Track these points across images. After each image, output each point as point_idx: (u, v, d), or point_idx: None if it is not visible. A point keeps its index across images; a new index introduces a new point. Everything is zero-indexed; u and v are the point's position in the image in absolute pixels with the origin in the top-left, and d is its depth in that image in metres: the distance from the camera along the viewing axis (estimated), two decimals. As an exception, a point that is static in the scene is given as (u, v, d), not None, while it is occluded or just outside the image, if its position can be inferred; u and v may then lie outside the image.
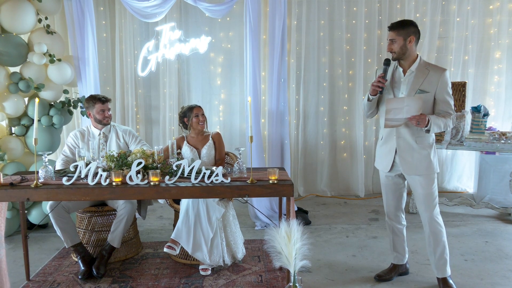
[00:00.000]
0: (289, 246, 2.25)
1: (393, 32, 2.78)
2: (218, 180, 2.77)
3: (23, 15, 3.89)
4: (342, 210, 4.75)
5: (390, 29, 2.80)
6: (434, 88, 2.76)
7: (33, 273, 3.26)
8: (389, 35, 2.81)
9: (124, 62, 4.97)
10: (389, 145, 2.92)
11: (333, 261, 3.43)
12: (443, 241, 2.88)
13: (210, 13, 4.27)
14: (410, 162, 2.84)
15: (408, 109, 2.69)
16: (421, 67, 2.80)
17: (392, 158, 2.90)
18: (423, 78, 2.77)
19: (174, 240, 3.20)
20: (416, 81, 2.78)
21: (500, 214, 4.40)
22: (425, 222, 2.90)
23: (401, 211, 3.08)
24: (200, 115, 3.51)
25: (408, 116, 2.70)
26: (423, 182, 2.84)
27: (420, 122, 2.68)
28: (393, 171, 2.95)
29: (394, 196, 3.04)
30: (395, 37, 2.77)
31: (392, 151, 2.90)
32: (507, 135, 4.22)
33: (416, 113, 2.69)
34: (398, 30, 2.77)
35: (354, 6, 5.09)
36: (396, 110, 2.72)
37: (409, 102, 2.70)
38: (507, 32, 5.03)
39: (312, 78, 5.20)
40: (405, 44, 2.76)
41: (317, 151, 5.33)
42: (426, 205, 2.86)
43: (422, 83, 2.76)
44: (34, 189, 2.68)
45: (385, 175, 3.03)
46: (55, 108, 4.13)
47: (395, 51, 2.79)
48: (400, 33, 2.76)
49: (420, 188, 2.85)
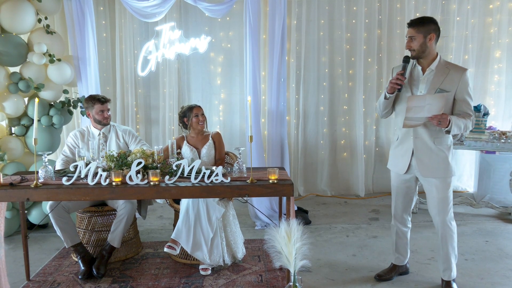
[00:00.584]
0: (289, 246, 2.25)
1: (413, 29, 2.67)
2: (218, 180, 2.77)
3: (23, 15, 3.89)
4: (342, 210, 4.75)
5: (410, 26, 2.69)
6: (455, 87, 2.67)
7: (33, 273, 3.26)
8: (408, 32, 2.70)
9: (124, 62, 4.97)
10: (406, 146, 2.82)
11: (333, 260, 3.43)
12: (453, 246, 2.84)
13: (210, 13, 4.26)
14: (427, 164, 2.75)
15: (430, 108, 2.59)
16: (441, 66, 2.71)
17: (408, 159, 2.81)
18: (443, 77, 2.68)
19: (174, 240, 3.19)
20: (436, 80, 2.69)
21: (500, 214, 4.40)
22: (438, 226, 2.84)
23: (408, 214, 3.03)
24: (200, 115, 3.51)
25: (430, 115, 2.59)
26: (439, 186, 2.76)
27: (441, 122, 2.58)
28: (408, 173, 2.86)
29: (405, 199, 2.98)
30: (415, 34, 2.67)
31: (408, 152, 2.80)
32: (507, 135, 4.21)
33: (438, 113, 2.59)
34: (418, 27, 2.66)
35: (354, 6, 5.08)
36: (417, 108, 2.61)
37: (431, 101, 2.59)
38: (507, 31, 5.03)
39: (312, 78, 5.20)
40: (425, 42, 2.66)
41: (317, 151, 5.33)
42: (439, 209, 2.79)
43: (443, 82, 2.67)
44: (34, 189, 2.68)
45: (398, 177, 2.94)
46: (55, 108, 4.13)
47: (414, 49, 2.69)
48: (420, 30, 2.66)
49: (435, 192, 2.77)
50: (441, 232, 2.82)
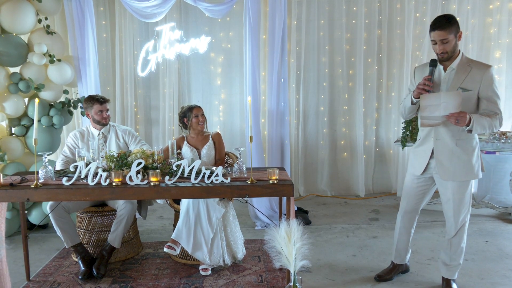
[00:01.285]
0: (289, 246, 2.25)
1: (444, 32, 2.52)
2: (218, 180, 2.77)
3: (23, 15, 3.89)
4: (342, 210, 4.75)
5: (440, 29, 2.53)
6: (477, 86, 2.56)
7: (33, 273, 3.26)
8: (437, 35, 2.54)
9: (124, 62, 4.97)
10: (425, 147, 2.74)
11: (333, 261, 3.43)
12: (462, 247, 2.82)
13: (210, 13, 4.27)
14: (447, 167, 2.65)
15: (446, 106, 2.49)
16: (463, 64, 2.60)
17: (426, 160, 2.73)
18: (464, 75, 2.57)
19: (174, 240, 3.19)
20: (457, 78, 2.59)
21: (501, 214, 4.40)
22: (451, 228, 2.79)
23: (417, 214, 2.98)
24: (200, 115, 3.51)
25: (446, 113, 2.50)
26: (456, 188, 2.68)
27: (459, 120, 2.47)
28: (424, 174, 2.79)
29: (416, 200, 2.91)
30: (447, 36, 2.52)
31: (427, 152, 2.72)
32: (507, 135, 4.22)
33: (455, 110, 2.48)
34: (449, 27, 2.52)
35: (354, 6, 5.08)
36: (432, 107, 2.53)
37: (447, 98, 2.50)
38: (507, 31, 5.03)
39: (312, 78, 5.20)
40: (456, 41, 2.56)
41: (317, 151, 5.33)
42: (455, 211, 2.73)
43: (464, 81, 2.57)
44: (34, 190, 2.68)
45: (414, 178, 2.86)
46: (55, 108, 4.13)
47: (447, 51, 2.56)
48: (451, 31, 2.53)
49: (451, 194, 2.70)
50: (455, 234, 2.77)
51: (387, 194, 5.32)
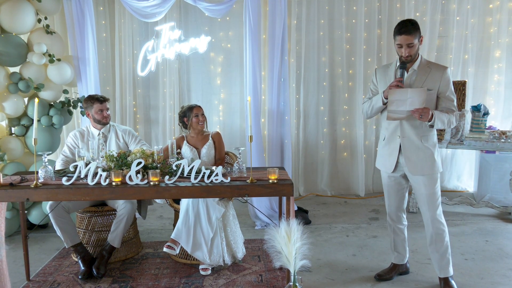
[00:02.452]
0: (289, 246, 2.25)
1: (410, 36, 2.65)
2: (218, 179, 2.77)
3: (22, 15, 3.88)
4: (342, 210, 4.75)
5: (406, 33, 2.64)
6: (437, 85, 2.74)
7: (33, 273, 3.26)
8: (404, 39, 2.65)
9: (123, 62, 4.97)
10: (392, 145, 2.88)
11: (333, 260, 3.43)
12: (446, 241, 2.87)
13: (209, 13, 4.26)
14: (415, 161, 2.80)
15: (412, 101, 2.64)
16: (423, 66, 2.78)
17: (395, 158, 2.86)
18: (425, 76, 2.74)
19: (173, 240, 3.19)
20: (418, 79, 2.75)
21: (500, 213, 4.40)
22: (428, 222, 2.88)
23: (402, 211, 3.07)
24: (200, 115, 3.51)
25: (411, 108, 2.64)
26: (427, 182, 2.81)
27: (423, 115, 2.63)
28: (396, 171, 2.91)
29: (397, 197, 3.02)
30: (413, 40, 2.66)
31: (395, 151, 2.86)
32: (507, 134, 4.21)
33: (420, 106, 2.63)
34: (415, 33, 2.66)
35: (354, 5, 5.08)
36: (399, 102, 2.67)
37: (413, 94, 2.64)
38: (507, 31, 5.02)
39: (312, 78, 5.20)
40: (419, 45, 2.73)
41: (317, 151, 5.33)
42: (428, 205, 2.84)
43: (425, 81, 2.73)
44: (34, 189, 2.68)
45: (388, 176, 2.99)
46: (55, 108, 4.13)
47: (411, 55, 2.70)
48: (416, 35, 2.67)
49: (423, 188, 2.83)
50: (433, 229, 2.86)
51: (387, 193, 5.32)
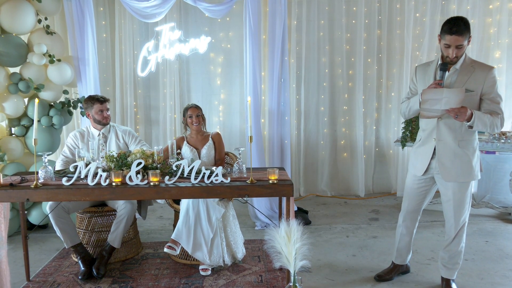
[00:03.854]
0: (289, 246, 2.25)
1: (461, 37, 2.49)
2: (218, 180, 2.77)
3: (22, 15, 3.89)
4: (342, 210, 4.75)
5: (458, 34, 2.48)
6: (480, 86, 2.56)
7: (33, 273, 3.26)
8: (454, 40, 2.49)
9: (123, 62, 4.97)
10: (427, 147, 2.74)
11: (333, 261, 3.43)
12: (461, 247, 2.82)
13: (209, 13, 4.27)
14: (449, 168, 2.65)
15: (447, 101, 2.48)
16: (466, 65, 2.61)
17: (428, 161, 2.73)
18: (467, 76, 2.57)
19: (174, 240, 3.19)
20: (460, 79, 2.59)
21: (500, 214, 4.40)
22: (451, 228, 2.79)
23: (418, 215, 2.99)
24: (195, 116, 3.50)
25: (447, 108, 2.49)
26: (457, 189, 2.69)
27: (459, 115, 2.47)
28: (426, 174, 2.79)
29: (417, 201, 2.92)
30: (463, 42, 2.50)
31: (428, 154, 2.72)
32: (507, 135, 4.22)
33: (456, 106, 2.47)
34: (466, 33, 2.49)
35: (354, 6, 5.09)
36: (433, 101, 2.52)
37: (449, 94, 2.48)
38: (507, 31, 5.03)
39: (312, 78, 5.20)
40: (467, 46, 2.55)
41: (317, 151, 5.33)
42: (455, 212, 2.73)
43: (467, 82, 2.57)
44: (34, 190, 2.68)
45: (415, 178, 2.86)
46: (55, 108, 4.13)
47: (458, 56, 2.55)
48: (467, 36, 2.51)
49: (452, 194, 2.71)
50: (455, 234, 2.77)
51: (387, 194, 5.32)
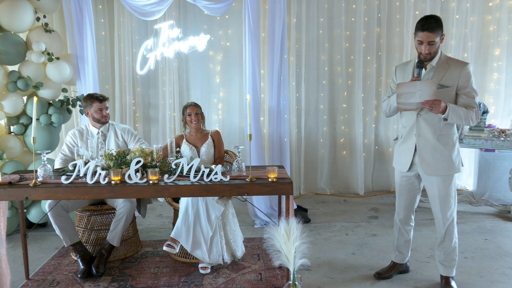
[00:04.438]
0: (289, 244, 2.25)
1: (433, 33, 2.57)
2: (217, 178, 2.76)
3: (21, 13, 3.87)
4: (341, 208, 4.75)
5: (429, 30, 2.57)
6: (455, 82, 2.65)
7: (33, 272, 3.26)
8: (426, 36, 2.58)
9: (122, 60, 4.96)
10: (408, 144, 2.82)
11: (333, 259, 3.43)
12: (454, 242, 2.84)
13: (209, 11, 4.26)
14: (430, 162, 2.73)
15: (421, 94, 2.57)
16: (442, 62, 2.69)
17: (411, 157, 2.80)
18: (443, 72, 2.66)
19: (173, 239, 3.19)
20: (436, 76, 2.67)
21: (500, 212, 4.41)
22: (439, 223, 2.83)
23: (412, 212, 3.02)
24: (194, 114, 3.49)
25: (421, 100, 2.58)
26: (441, 183, 2.75)
27: (433, 107, 2.55)
28: (411, 170, 2.86)
29: (408, 197, 2.97)
30: (435, 38, 2.58)
31: (411, 150, 2.80)
32: (506, 133, 4.21)
33: (430, 98, 2.56)
34: (437, 30, 2.58)
35: (353, 4, 5.07)
36: (408, 94, 2.60)
37: (422, 87, 2.57)
38: (506, 29, 5.02)
39: (312, 76, 5.20)
40: (439, 43, 2.64)
41: (317, 149, 5.33)
42: (441, 206, 2.78)
43: (443, 78, 2.65)
44: (33, 188, 2.67)
45: (402, 175, 2.94)
46: (54, 106, 4.12)
47: (431, 52, 2.63)
48: (438, 33, 2.59)
49: (437, 189, 2.76)
50: (444, 230, 2.81)
51: (386, 192, 5.32)
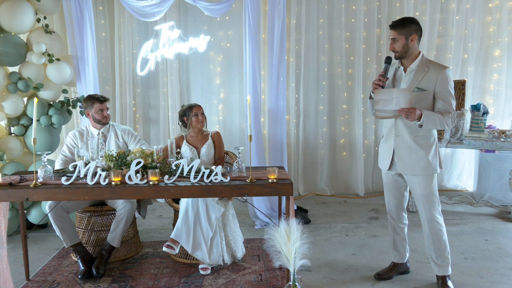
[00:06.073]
0: (289, 245, 2.25)
1: (395, 31, 2.73)
2: (217, 179, 2.76)
3: (21, 14, 3.88)
4: (341, 209, 4.75)
5: (392, 28, 2.75)
6: (433, 86, 2.70)
7: (33, 273, 3.26)
8: (390, 33, 2.76)
9: (123, 61, 4.96)
10: (389, 143, 2.91)
11: (333, 260, 3.43)
12: (444, 240, 2.87)
13: (209, 12, 4.26)
14: (407, 162, 2.81)
15: (398, 101, 2.64)
16: (422, 65, 2.75)
17: (390, 156, 2.90)
18: (422, 75, 2.72)
19: (173, 240, 3.19)
20: (414, 79, 2.74)
21: (500, 212, 4.40)
22: (424, 222, 2.89)
23: (402, 210, 3.07)
24: (200, 114, 3.51)
25: (397, 108, 2.65)
26: (421, 183, 2.81)
27: (409, 115, 2.62)
28: (392, 169, 2.94)
29: (395, 195, 3.03)
30: (397, 36, 2.73)
31: (390, 149, 2.89)
32: (506, 133, 4.21)
33: (406, 106, 2.63)
34: (400, 29, 2.72)
35: (353, 5, 5.08)
36: (385, 101, 2.70)
37: (398, 94, 2.65)
38: (506, 30, 5.02)
39: (312, 77, 5.20)
40: (407, 43, 2.72)
41: (317, 150, 5.33)
42: (424, 205, 2.85)
43: (421, 81, 2.71)
44: (33, 189, 2.67)
45: (386, 174, 3.02)
46: (54, 107, 4.13)
47: (397, 50, 2.76)
48: (402, 32, 2.71)
49: (418, 188, 2.83)
50: (430, 229, 2.86)
51: (386, 193, 5.32)
